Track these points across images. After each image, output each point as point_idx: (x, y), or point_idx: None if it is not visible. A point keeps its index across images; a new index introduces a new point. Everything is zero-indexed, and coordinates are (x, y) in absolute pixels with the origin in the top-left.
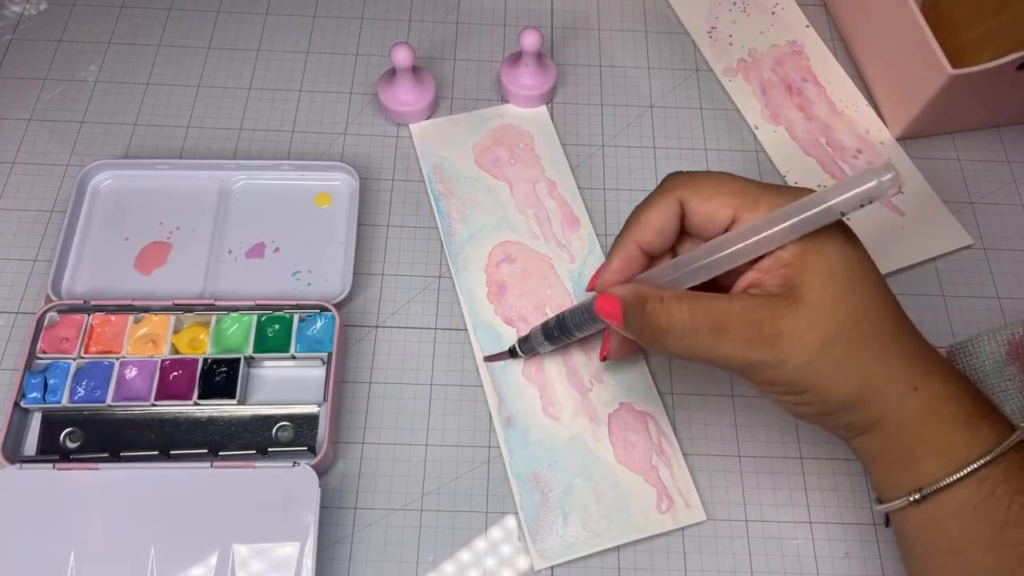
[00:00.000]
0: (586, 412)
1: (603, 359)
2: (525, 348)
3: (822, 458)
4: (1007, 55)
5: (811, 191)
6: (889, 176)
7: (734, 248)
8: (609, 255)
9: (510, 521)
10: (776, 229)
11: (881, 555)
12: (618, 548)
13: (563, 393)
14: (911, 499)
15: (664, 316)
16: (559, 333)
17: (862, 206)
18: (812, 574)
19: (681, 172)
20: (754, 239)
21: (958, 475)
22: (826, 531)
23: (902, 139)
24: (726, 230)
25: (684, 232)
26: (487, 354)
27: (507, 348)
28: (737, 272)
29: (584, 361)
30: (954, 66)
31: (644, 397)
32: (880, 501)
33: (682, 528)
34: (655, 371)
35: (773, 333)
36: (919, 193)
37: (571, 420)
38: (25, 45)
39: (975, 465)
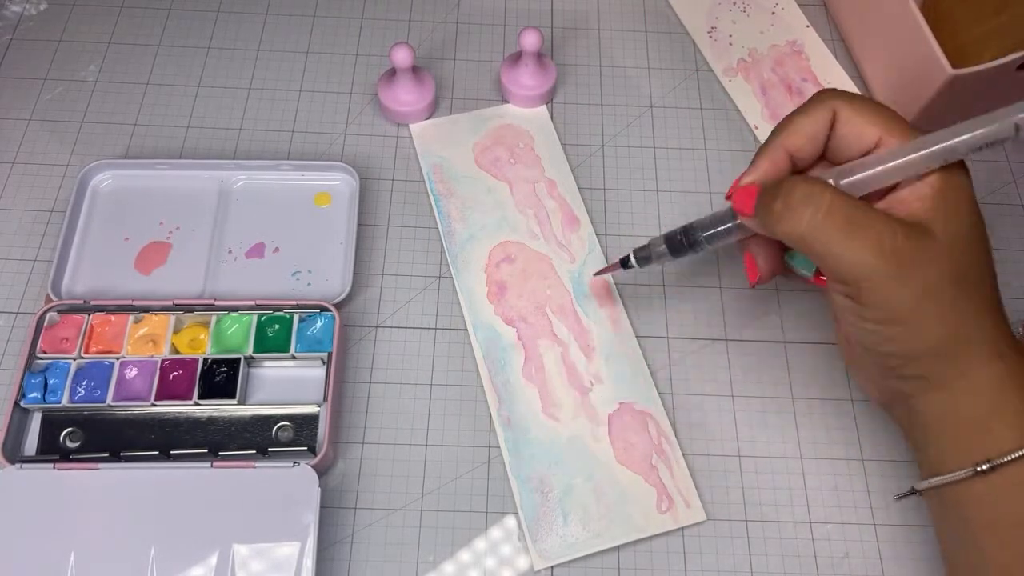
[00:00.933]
0: (586, 412)
1: (753, 284)
2: (641, 256)
3: (822, 458)
4: (1007, 55)
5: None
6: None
7: (889, 164)
8: (755, 159)
9: (510, 521)
10: (926, 151)
11: (881, 555)
12: (618, 548)
13: (563, 393)
14: (979, 469)
15: (804, 190)
16: (684, 240)
17: (982, 148)
18: (812, 574)
19: (835, 89)
20: (904, 159)
21: None
22: (826, 531)
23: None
24: (866, 153)
25: (820, 156)
26: (595, 271)
27: (618, 259)
28: (872, 199)
29: (584, 361)
30: (954, 66)
31: (644, 397)
32: (931, 475)
33: (682, 528)
34: (655, 371)
35: (901, 249)
36: None
37: (571, 420)
38: (25, 45)
39: None
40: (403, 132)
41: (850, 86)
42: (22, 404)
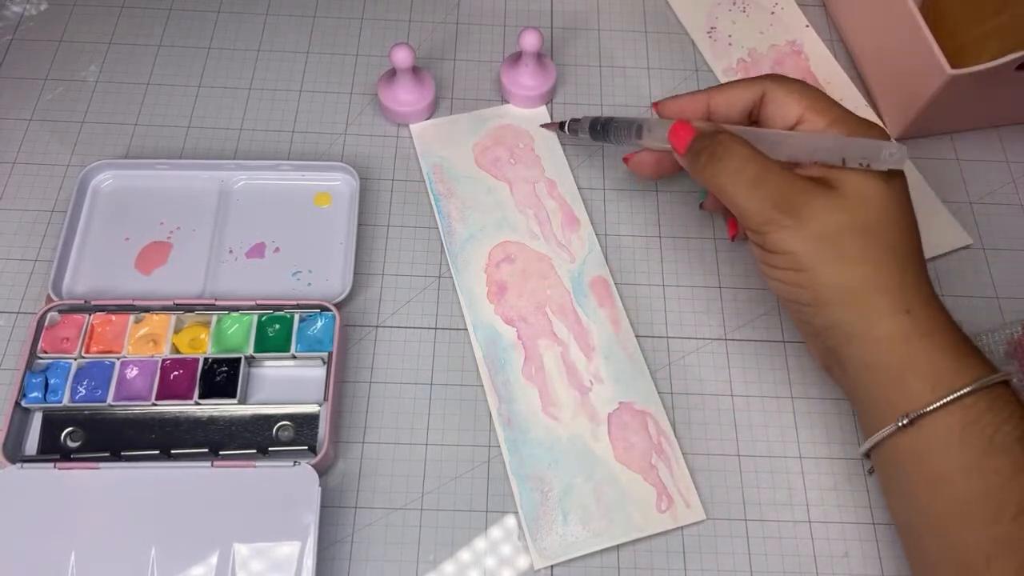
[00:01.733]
0: (586, 412)
1: (625, 160)
2: (571, 128)
3: (822, 457)
4: (1007, 55)
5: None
6: (893, 151)
7: (781, 138)
8: (677, 97)
9: (510, 520)
10: (800, 144)
11: (881, 555)
12: (618, 547)
13: (563, 393)
14: (899, 424)
15: (726, 149)
16: (601, 131)
17: (860, 164)
18: (812, 574)
19: (778, 75)
20: (795, 143)
21: (946, 399)
22: (826, 531)
23: (901, 139)
24: (791, 127)
25: (755, 123)
26: (543, 123)
27: (560, 121)
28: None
29: (584, 361)
30: (953, 66)
31: (644, 397)
32: (867, 436)
33: (682, 528)
34: (655, 371)
35: (799, 203)
36: (918, 193)
37: (571, 420)
38: (25, 45)
39: (964, 391)
40: (403, 132)
41: (850, 86)
42: (23, 404)
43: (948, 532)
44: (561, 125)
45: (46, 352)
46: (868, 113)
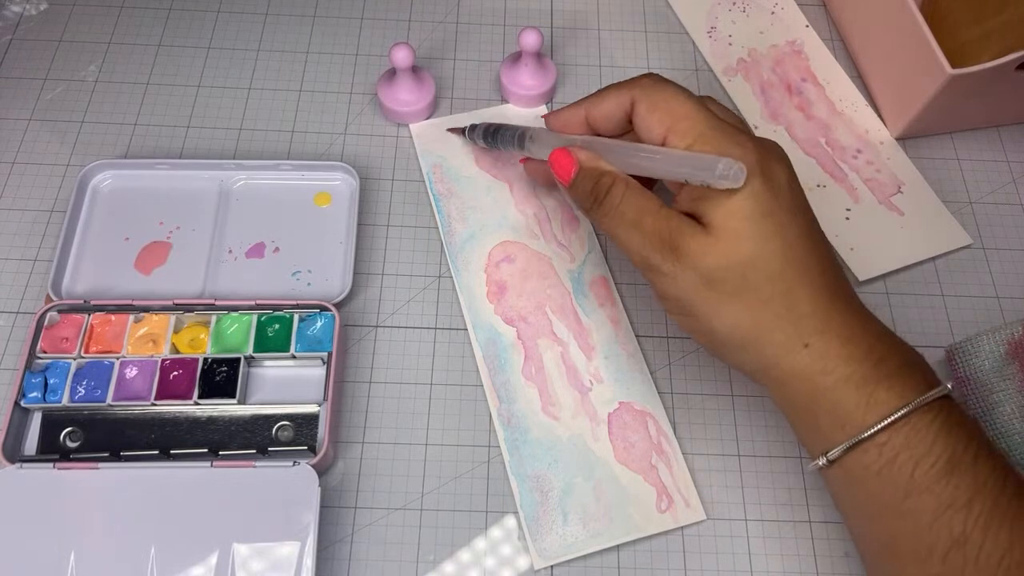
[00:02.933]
0: (586, 411)
1: (521, 161)
2: (469, 135)
3: None
4: (1007, 55)
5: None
6: (725, 171)
7: (634, 153)
8: (561, 110)
9: (510, 521)
10: (651, 165)
11: None
12: (618, 547)
13: (563, 392)
14: (820, 463)
15: (606, 191)
16: (492, 140)
17: (701, 184)
18: (812, 574)
19: (654, 76)
20: (648, 159)
21: (852, 441)
22: (826, 531)
23: (902, 139)
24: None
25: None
26: (450, 126)
27: (464, 127)
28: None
29: (584, 361)
30: (954, 66)
31: (644, 397)
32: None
33: (682, 527)
34: (655, 371)
35: (675, 247)
36: (919, 193)
37: (571, 419)
38: (25, 45)
39: (868, 432)
40: (403, 132)
41: (849, 86)
42: (22, 404)
43: (884, 564)
44: (462, 132)
45: (45, 352)
46: (868, 113)
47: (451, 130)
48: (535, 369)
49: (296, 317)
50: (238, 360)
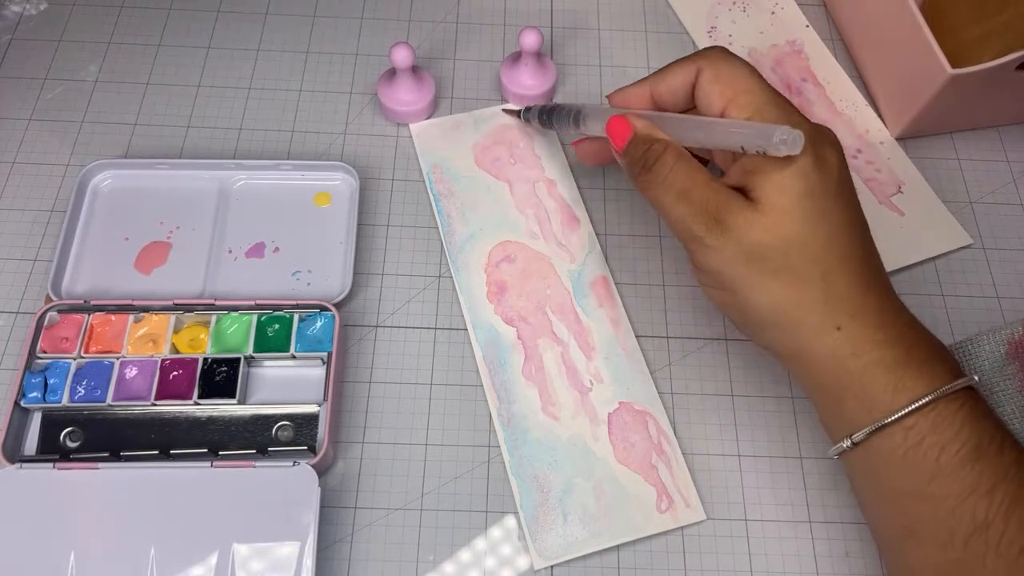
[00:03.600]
0: (586, 411)
1: (573, 144)
2: (524, 116)
3: (822, 458)
4: (1007, 55)
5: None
6: (785, 136)
7: (694, 126)
8: (625, 87)
9: (510, 520)
10: (703, 132)
11: (881, 555)
12: (618, 547)
13: (563, 392)
14: (844, 445)
15: (656, 158)
16: (547, 119)
17: (756, 151)
18: (812, 574)
19: (721, 48)
20: (706, 131)
21: (877, 424)
22: (826, 531)
23: (902, 139)
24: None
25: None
26: (505, 107)
27: (519, 110)
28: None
29: (584, 361)
30: (954, 66)
31: (644, 397)
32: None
33: (682, 527)
34: (655, 371)
35: (721, 219)
36: (919, 193)
37: (571, 419)
38: (25, 45)
39: (896, 415)
40: (403, 132)
41: (849, 86)
42: (22, 404)
43: (902, 549)
44: (518, 114)
45: (45, 352)
46: (868, 113)
47: (506, 110)
48: (535, 369)
49: (296, 317)
50: (238, 360)
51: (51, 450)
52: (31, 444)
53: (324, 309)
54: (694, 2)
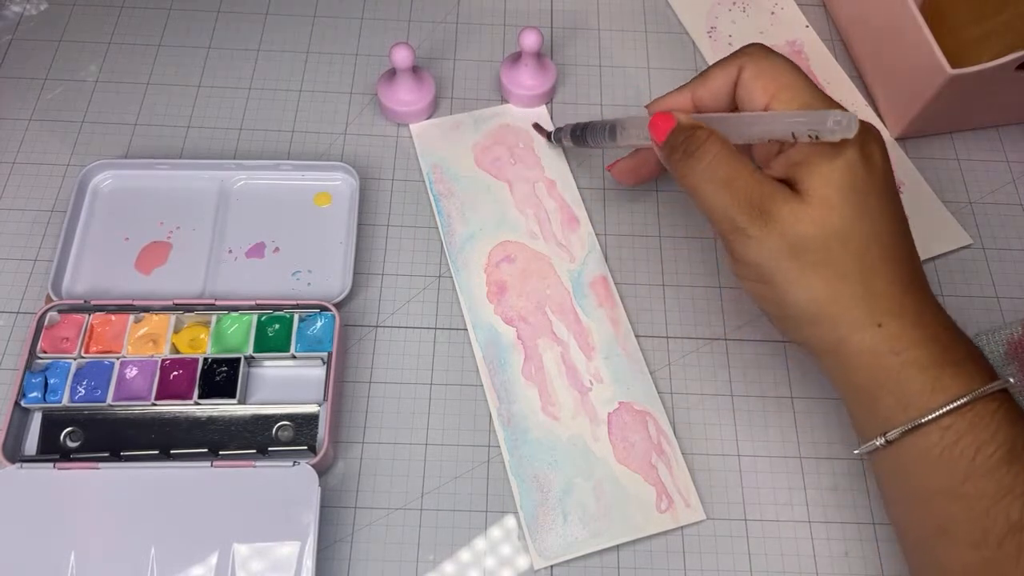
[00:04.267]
0: (586, 411)
1: (608, 168)
2: (555, 137)
3: (822, 458)
4: (1007, 55)
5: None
6: (840, 119)
7: (741, 122)
8: (664, 95)
9: (510, 520)
10: (757, 124)
11: (881, 554)
12: (618, 547)
13: (563, 392)
14: (877, 443)
15: (699, 145)
16: (580, 136)
17: (809, 137)
18: (812, 574)
19: (761, 45)
20: (752, 125)
21: (915, 422)
22: (826, 530)
23: (901, 139)
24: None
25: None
26: (535, 124)
27: (548, 131)
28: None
29: (584, 361)
30: (954, 66)
31: (644, 397)
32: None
33: (681, 527)
34: (655, 371)
35: (765, 210)
36: (918, 193)
37: (571, 419)
38: (25, 45)
39: (934, 414)
40: (403, 132)
41: (849, 86)
42: (22, 404)
43: (933, 548)
44: (548, 136)
45: (46, 352)
46: (868, 113)
47: (536, 127)
48: (535, 369)
49: (296, 317)
50: (238, 360)
51: (51, 450)
52: (31, 444)
53: (324, 309)
54: (694, 2)
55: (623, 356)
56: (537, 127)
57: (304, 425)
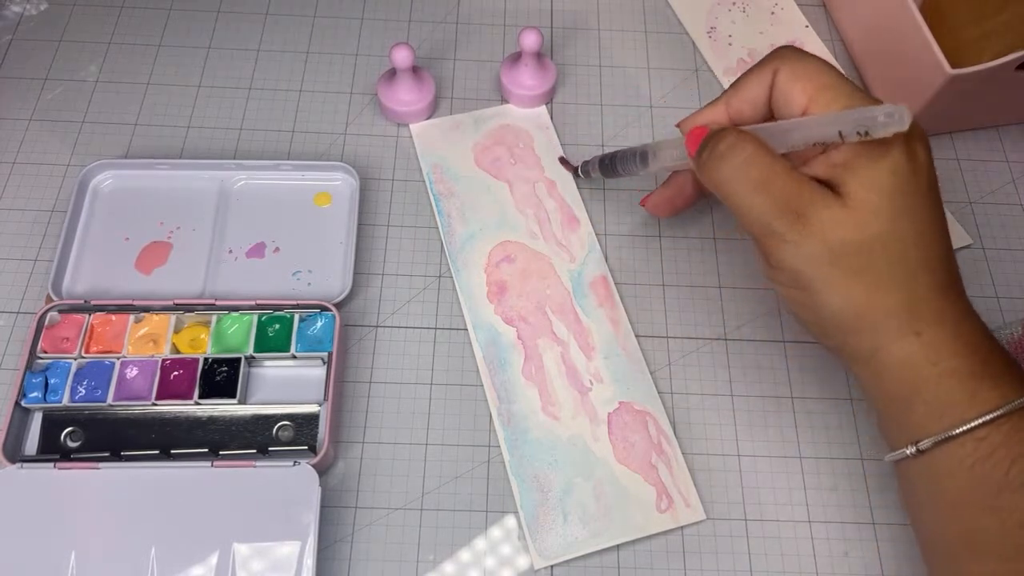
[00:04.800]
0: (586, 411)
1: (641, 204)
2: (582, 171)
3: (822, 458)
4: (1007, 55)
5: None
6: (891, 112)
7: (781, 129)
8: (699, 110)
9: (510, 520)
10: (804, 127)
11: (881, 554)
12: (618, 547)
13: (563, 392)
14: (908, 452)
15: (731, 145)
16: (609, 168)
17: (858, 134)
18: (812, 574)
19: (793, 47)
20: (794, 129)
21: (950, 433)
22: (826, 530)
23: None
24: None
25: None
26: (561, 157)
27: (576, 165)
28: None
29: (584, 361)
30: (954, 66)
31: (644, 397)
32: (888, 451)
33: (682, 527)
34: (655, 370)
35: (803, 214)
36: None
37: (571, 419)
38: (25, 45)
39: (969, 425)
40: (403, 132)
41: None
42: (23, 404)
43: (959, 559)
44: (575, 171)
45: (46, 352)
46: None
47: (562, 161)
48: (535, 369)
49: (296, 317)
50: (238, 360)
51: (52, 450)
52: (32, 444)
53: (324, 309)
54: (694, 2)
55: (623, 356)
56: (563, 161)
57: (304, 425)
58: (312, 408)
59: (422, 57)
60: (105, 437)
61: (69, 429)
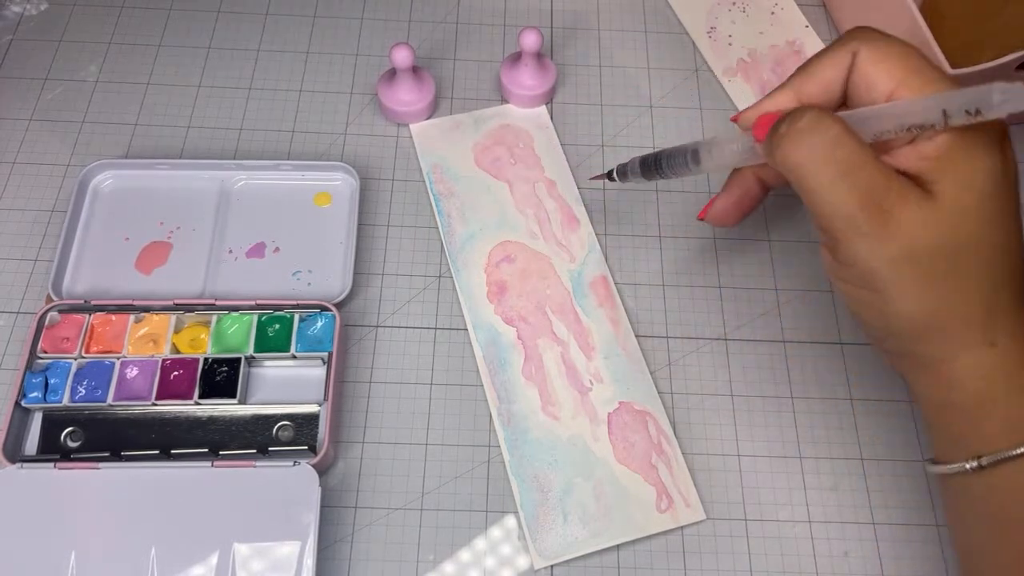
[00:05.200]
0: (586, 411)
1: (700, 218)
2: (620, 173)
3: (822, 458)
4: (1007, 55)
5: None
6: (1008, 89)
7: (866, 115)
8: (760, 100)
9: (510, 520)
10: (898, 107)
11: (881, 554)
12: (618, 547)
13: (563, 392)
14: (968, 466)
15: (811, 123)
16: (653, 170)
17: (967, 113)
18: (812, 574)
19: (871, 28)
20: (883, 114)
21: (1018, 450)
22: (826, 530)
23: None
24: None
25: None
26: (592, 176)
27: (607, 171)
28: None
29: (584, 361)
30: (954, 66)
31: (644, 397)
32: (935, 461)
33: (682, 527)
34: (655, 370)
35: (886, 210)
36: None
37: (571, 419)
38: (25, 45)
39: None
40: (403, 132)
41: None
42: (23, 404)
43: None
44: (608, 174)
45: (46, 352)
46: None
47: (595, 178)
48: (535, 369)
49: (296, 317)
50: (238, 360)
51: (52, 450)
52: (32, 444)
53: (324, 309)
54: (694, 2)
55: (623, 356)
56: (594, 178)
57: (304, 425)
58: (312, 408)
59: (422, 57)
60: (105, 437)
61: (69, 429)
